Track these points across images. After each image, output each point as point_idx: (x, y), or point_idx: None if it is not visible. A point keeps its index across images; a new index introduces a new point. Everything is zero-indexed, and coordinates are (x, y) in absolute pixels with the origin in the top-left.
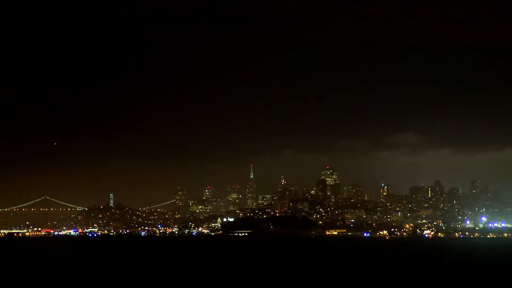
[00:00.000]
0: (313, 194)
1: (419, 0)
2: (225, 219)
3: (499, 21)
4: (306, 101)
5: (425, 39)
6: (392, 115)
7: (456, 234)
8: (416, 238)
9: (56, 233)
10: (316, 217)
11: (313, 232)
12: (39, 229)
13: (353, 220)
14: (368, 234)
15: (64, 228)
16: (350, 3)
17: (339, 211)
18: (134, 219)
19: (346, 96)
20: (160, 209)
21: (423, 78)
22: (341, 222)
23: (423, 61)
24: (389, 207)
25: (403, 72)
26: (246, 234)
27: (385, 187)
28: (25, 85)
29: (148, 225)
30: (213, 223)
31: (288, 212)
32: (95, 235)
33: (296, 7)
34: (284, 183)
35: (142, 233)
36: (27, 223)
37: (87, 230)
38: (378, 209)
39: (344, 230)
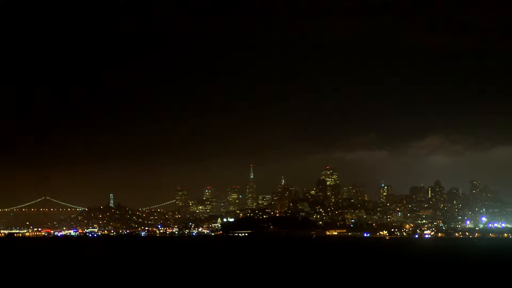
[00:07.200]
0: (313, 194)
1: None
2: (225, 219)
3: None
4: (306, 101)
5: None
6: (392, 114)
7: (456, 234)
8: (415, 239)
9: (56, 233)
10: (316, 217)
11: (313, 232)
12: (39, 229)
13: (353, 220)
14: (368, 234)
15: (64, 228)
16: None
17: (339, 211)
18: (134, 219)
19: (347, 96)
20: (160, 209)
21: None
22: (341, 222)
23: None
24: (389, 207)
25: (411, 73)
26: (246, 234)
27: (385, 187)
28: (24, 85)
29: (148, 225)
30: (213, 223)
31: (288, 212)
32: (95, 235)
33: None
34: (284, 183)
35: (142, 233)
36: (27, 223)
37: (87, 231)
38: (378, 209)
39: (344, 230)
